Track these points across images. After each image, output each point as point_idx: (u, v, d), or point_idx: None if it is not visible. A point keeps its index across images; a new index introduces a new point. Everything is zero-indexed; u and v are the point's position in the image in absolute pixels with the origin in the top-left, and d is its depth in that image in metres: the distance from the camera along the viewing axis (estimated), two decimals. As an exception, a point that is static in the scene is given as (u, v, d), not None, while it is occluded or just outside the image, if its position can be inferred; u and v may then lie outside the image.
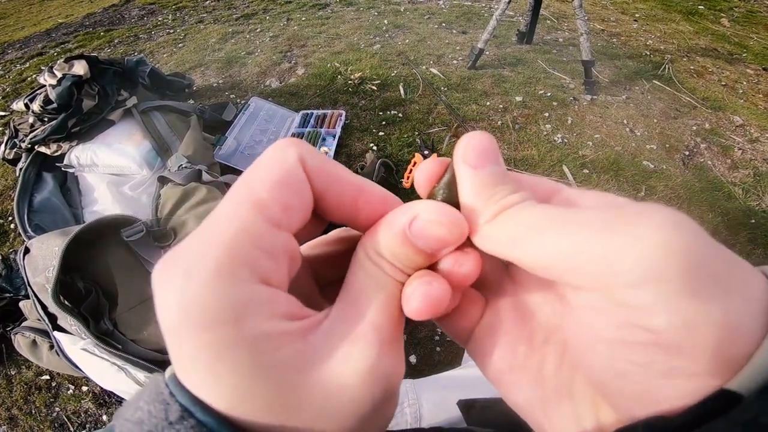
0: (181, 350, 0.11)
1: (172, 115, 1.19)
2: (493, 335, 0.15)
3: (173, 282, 0.11)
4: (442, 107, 1.44)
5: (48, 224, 1.01)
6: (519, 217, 0.12)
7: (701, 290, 0.10)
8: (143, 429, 0.11)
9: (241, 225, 0.11)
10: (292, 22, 2.05)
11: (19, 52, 2.10)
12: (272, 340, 0.11)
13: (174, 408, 0.11)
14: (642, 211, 0.10)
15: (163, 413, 0.11)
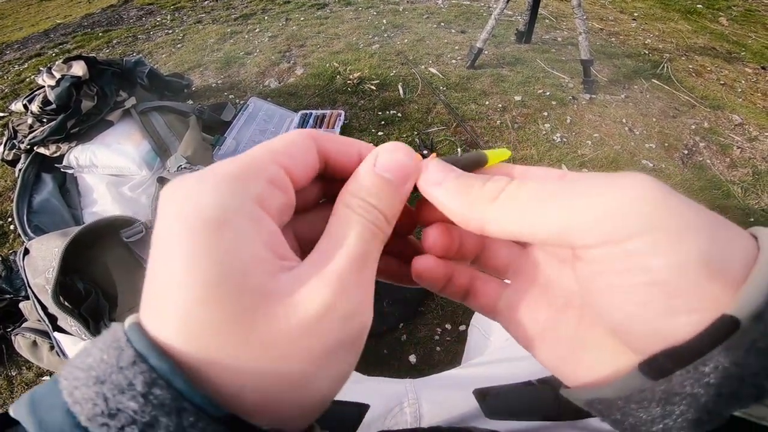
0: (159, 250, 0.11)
1: (170, 115, 1.19)
2: (517, 307, 0.17)
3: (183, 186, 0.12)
4: (441, 107, 1.44)
5: (47, 225, 1.01)
6: (519, 194, 0.14)
7: (687, 234, 0.11)
8: (90, 375, 0.10)
9: (253, 158, 0.13)
10: (290, 22, 2.05)
11: (18, 52, 2.10)
12: (246, 262, 0.11)
13: (128, 353, 0.10)
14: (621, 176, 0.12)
15: (115, 359, 0.10)
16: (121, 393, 0.10)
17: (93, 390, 0.10)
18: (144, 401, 0.10)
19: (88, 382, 0.10)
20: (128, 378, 0.10)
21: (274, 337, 0.11)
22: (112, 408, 0.10)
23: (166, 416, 0.10)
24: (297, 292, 0.12)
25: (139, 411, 0.10)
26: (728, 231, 0.12)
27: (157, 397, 0.10)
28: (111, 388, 0.10)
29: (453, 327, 0.91)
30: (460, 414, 0.40)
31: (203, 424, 0.10)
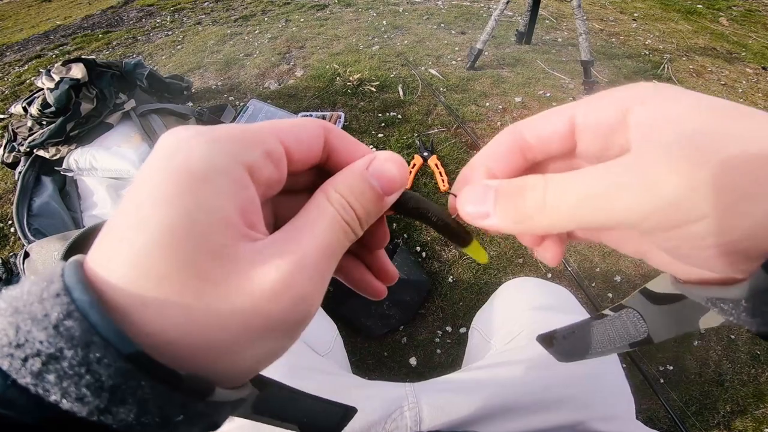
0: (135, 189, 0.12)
1: (170, 117, 1.19)
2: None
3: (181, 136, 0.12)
4: (441, 108, 1.43)
5: (48, 228, 1.01)
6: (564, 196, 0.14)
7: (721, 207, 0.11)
8: (11, 305, 0.10)
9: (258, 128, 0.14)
10: (290, 23, 2.05)
11: (18, 54, 2.10)
12: (214, 222, 0.11)
13: (55, 286, 0.10)
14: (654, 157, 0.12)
15: (40, 290, 0.10)
16: (34, 323, 0.10)
17: (7, 320, 0.10)
18: (54, 332, 0.10)
19: (6, 312, 0.10)
20: (46, 309, 0.10)
21: (218, 302, 0.11)
22: (20, 338, 0.10)
23: (73, 348, 0.10)
24: (255, 264, 0.12)
25: (46, 342, 0.10)
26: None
27: (67, 329, 0.10)
28: (25, 319, 0.10)
29: (453, 329, 0.91)
30: (461, 418, 0.40)
31: (109, 360, 0.10)
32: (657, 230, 0.12)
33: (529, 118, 0.17)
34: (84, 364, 0.10)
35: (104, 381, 0.10)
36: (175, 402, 0.11)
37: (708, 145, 0.11)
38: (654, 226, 0.12)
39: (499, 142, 0.17)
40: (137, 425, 0.10)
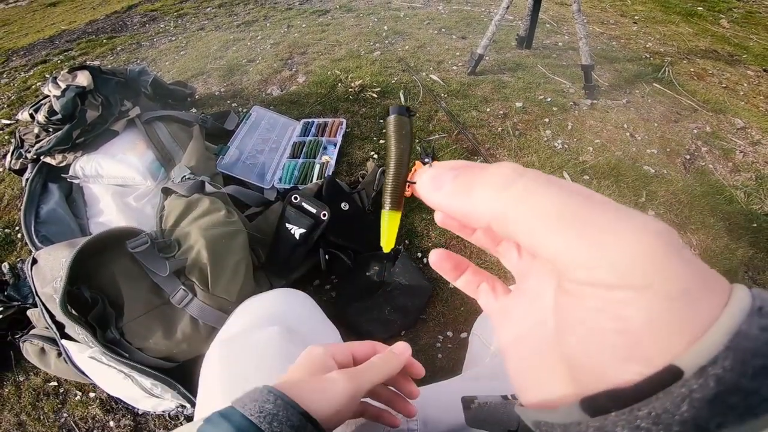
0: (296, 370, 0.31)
1: (174, 125, 1.20)
2: (505, 310, 0.20)
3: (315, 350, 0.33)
4: (442, 114, 1.44)
5: (54, 235, 1.02)
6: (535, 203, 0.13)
7: (675, 299, 0.11)
8: (251, 398, 0.26)
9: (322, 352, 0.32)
10: (292, 29, 2.06)
11: (24, 59, 2.11)
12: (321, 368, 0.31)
13: (264, 391, 0.26)
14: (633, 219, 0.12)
15: (260, 393, 0.26)
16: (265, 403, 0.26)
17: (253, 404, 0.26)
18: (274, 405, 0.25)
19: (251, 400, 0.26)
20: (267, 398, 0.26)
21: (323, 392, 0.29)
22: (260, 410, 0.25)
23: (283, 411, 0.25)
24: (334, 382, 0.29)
25: (272, 409, 0.25)
26: (711, 293, 0.12)
27: (278, 404, 0.25)
28: (261, 402, 0.26)
29: (455, 334, 0.91)
30: (459, 424, 0.41)
31: (295, 414, 0.25)
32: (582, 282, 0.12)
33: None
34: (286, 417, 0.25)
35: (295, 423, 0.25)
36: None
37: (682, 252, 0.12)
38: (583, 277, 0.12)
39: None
40: None
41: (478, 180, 0.14)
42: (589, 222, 0.12)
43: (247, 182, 1.14)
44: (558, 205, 0.12)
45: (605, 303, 0.12)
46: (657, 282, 0.11)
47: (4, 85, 1.90)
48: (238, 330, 0.52)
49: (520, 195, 0.13)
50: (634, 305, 0.11)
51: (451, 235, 1.08)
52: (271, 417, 0.24)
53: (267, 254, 0.92)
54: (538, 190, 0.13)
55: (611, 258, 0.11)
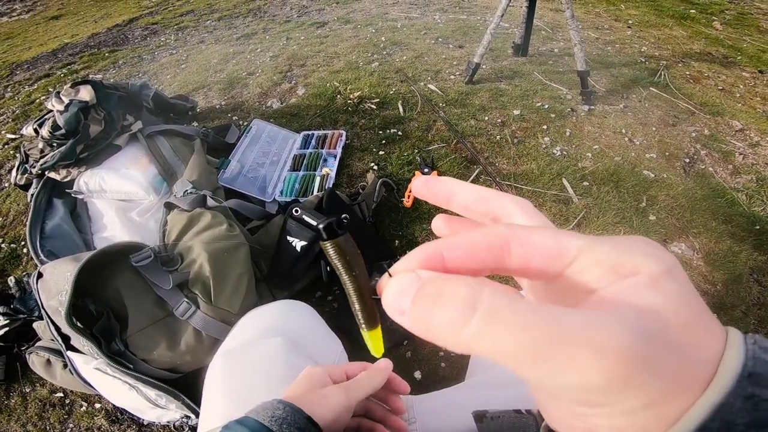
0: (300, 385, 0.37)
1: (176, 139, 1.21)
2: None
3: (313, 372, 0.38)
4: (441, 124, 1.45)
5: (59, 249, 1.04)
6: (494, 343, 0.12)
7: (636, 410, 0.12)
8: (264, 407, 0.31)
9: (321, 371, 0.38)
10: (291, 41, 2.08)
11: (27, 73, 2.14)
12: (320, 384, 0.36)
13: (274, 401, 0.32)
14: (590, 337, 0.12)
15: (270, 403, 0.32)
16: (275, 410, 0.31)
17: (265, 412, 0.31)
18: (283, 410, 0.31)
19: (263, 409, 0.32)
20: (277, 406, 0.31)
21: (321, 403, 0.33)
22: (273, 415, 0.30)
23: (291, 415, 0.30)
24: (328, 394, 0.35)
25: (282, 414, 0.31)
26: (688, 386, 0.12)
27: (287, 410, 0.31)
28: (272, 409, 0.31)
29: (458, 343, 0.92)
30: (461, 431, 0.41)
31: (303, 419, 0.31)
32: (552, 394, 0.14)
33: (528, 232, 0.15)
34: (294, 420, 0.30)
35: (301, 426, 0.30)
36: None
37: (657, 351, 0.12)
38: (554, 393, 0.13)
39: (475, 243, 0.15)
40: None
41: (434, 311, 0.13)
42: (551, 356, 0.12)
43: (248, 195, 1.15)
44: (518, 342, 0.12)
45: (576, 414, 0.13)
46: (615, 401, 0.12)
47: (8, 99, 1.92)
48: (241, 341, 0.53)
49: (476, 335, 0.12)
50: (600, 419, 0.12)
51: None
52: (281, 420, 0.30)
53: (269, 267, 0.93)
54: (495, 327, 0.12)
55: (575, 384, 0.12)
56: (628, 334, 0.12)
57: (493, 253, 0.15)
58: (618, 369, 0.11)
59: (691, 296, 0.13)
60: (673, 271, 0.13)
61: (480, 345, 0.12)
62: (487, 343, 0.12)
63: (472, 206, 0.18)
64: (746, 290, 0.99)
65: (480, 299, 0.13)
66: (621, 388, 0.11)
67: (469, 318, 0.12)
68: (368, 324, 0.19)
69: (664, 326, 0.12)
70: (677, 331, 0.12)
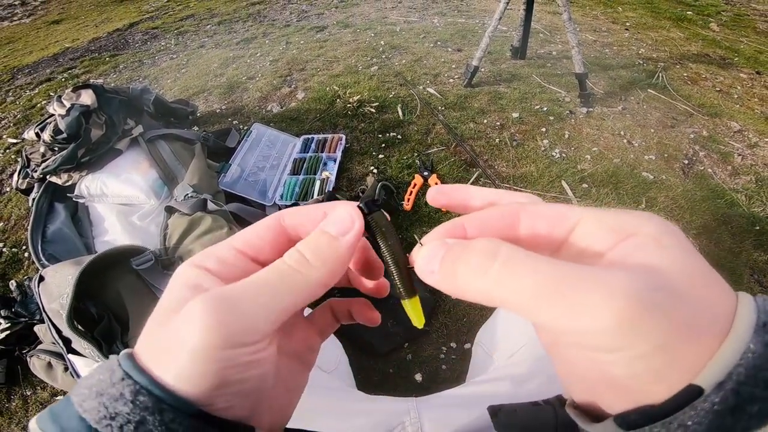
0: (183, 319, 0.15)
1: (177, 143, 1.22)
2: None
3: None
4: (440, 127, 1.45)
5: (61, 253, 1.04)
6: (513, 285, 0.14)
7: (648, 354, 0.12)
8: (92, 391, 0.14)
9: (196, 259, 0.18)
10: (291, 45, 2.09)
11: (29, 77, 2.15)
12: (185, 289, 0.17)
13: (117, 373, 0.14)
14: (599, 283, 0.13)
15: (109, 378, 0.14)
16: (116, 401, 0.14)
17: (96, 401, 0.14)
18: (133, 406, 0.14)
19: (91, 395, 0.14)
20: (119, 390, 0.14)
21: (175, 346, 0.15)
22: (111, 412, 0.14)
23: (152, 415, 0.14)
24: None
25: (131, 413, 0.14)
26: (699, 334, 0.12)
27: (142, 402, 0.14)
28: (108, 398, 0.14)
29: (458, 345, 0.92)
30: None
31: (181, 419, 0.14)
32: (569, 341, 0.14)
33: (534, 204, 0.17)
34: (163, 425, 0.14)
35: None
36: None
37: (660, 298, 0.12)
38: (570, 339, 0.14)
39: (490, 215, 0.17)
40: None
41: (460, 264, 0.15)
42: (565, 296, 0.13)
43: (248, 199, 1.16)
44: (534, 283, 0.13)
45: (593, 363, 0.14)
46: (628, 345, 0.12)
47: (10, 103, 1.93)
48: None
49: (498, 278, 0.14)
50: (617, 368, 0.13)
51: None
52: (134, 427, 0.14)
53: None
54: (514, 271, 0.14)
55: (588, 328, 0.13)
56: (636, 281, 0.12)
57: (505, 222, 0.17)
58: (627, 311, 0.12)
59: (695, 255, 0.14)
60: (674, 232, 0.14)
61: (500, 288, 0.14)
62: (507, 285, 0.14)
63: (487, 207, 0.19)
64: (747, 290, 0.98)
65: (499, 249, 0.14)
66: (631, 331, 0.12)
67: (490, 263, 0.14)
68: (407, 293, 0.20)
69: (669, 280, 0.13)
70: (683, 285, 0.13)
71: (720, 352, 0.12)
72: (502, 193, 0.19)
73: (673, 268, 0.13)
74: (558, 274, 0.13)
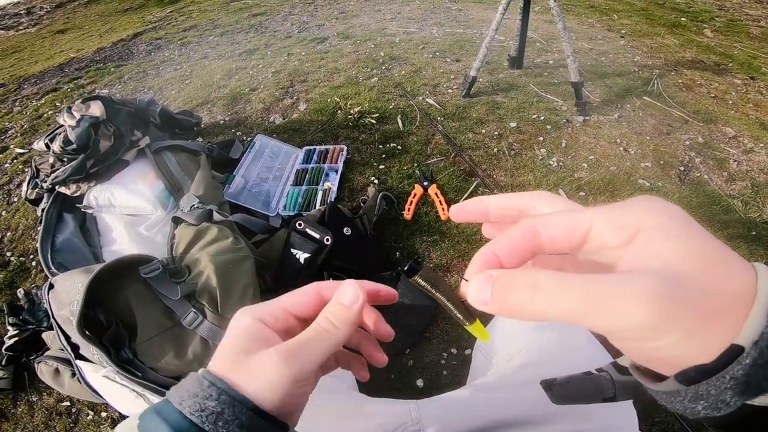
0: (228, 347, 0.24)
1: (182, 154, 1.24)
2: None
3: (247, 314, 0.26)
4: (439, 137, 1.47)
5: (70, 262, 1.06)
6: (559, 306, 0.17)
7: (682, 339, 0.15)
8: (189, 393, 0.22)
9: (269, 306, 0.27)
10: (292, 56, 2.11)
11: (35, 87, 2.18)
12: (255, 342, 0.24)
13: (205, 382, 0.22)
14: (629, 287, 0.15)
15: (199, 385, 0.22)
16: (206, 399, 0.21)
17: (192, 400, 0.21)
18: (217, 402, 0.21)
19: (189, 396, 0.22)
20: (209, 392, 0.21)
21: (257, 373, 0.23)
22: (202, 407, 0.21)
23: (229, 408, 0.21)
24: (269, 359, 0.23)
25: (216, 406, 0.21)
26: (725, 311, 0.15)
27: (223, 400, 0.21)
28: (201, 398, 0.21)
29: (459, 351, 0.93)
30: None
31: (245, 411, 0.21)
32: (618, 338, 0.17)
33: (548, 217, 0.19)
34: (233, 415, 0.21)
35: (244, 422, 0.21)
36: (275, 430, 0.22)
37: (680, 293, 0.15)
38: (617, 336, 0.17)
39: (514, 237, 0.19)
40: None
41: (510, 296, 0.18)
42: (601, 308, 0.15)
43: (252, 210, 1.18)
44: (577, 300, 0.16)
45: (642, 350, 0.17)
46: (664, 335, 0.15)
47: (17, 113, 1.96)
48: None
49: (542, 306, 0.17)
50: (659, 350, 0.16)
51: (452, 255, 1.11)
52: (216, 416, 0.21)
53: (273, 278, 0.95)
54: (554, 297, 0.16)
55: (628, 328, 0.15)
56: (653, 283, 0.15)
57: (528, 240, 0.19)
58: (654, 310, 0.15)
59: (701, 238, 0.16)
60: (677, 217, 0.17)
61: (547, 310, 0.17)
62: (550, 309, 0.16)
63: (503, 211, 0.22)
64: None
65: (539, 280, 0.17)
66: (663, 324, 0.15)
67: (535, 294, 0.17)
68: (469, 321, 0.24)
69: (683, 272, 0.15)
70: (696, 272, 0.15)
71: (750, 317, 0.15)
72: (513, 197, 0.22)
73: (684, 258, 0.16)
74: (591, 289, 0.16)
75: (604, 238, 0.17)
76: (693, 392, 0.16)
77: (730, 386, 0.15)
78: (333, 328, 0.25)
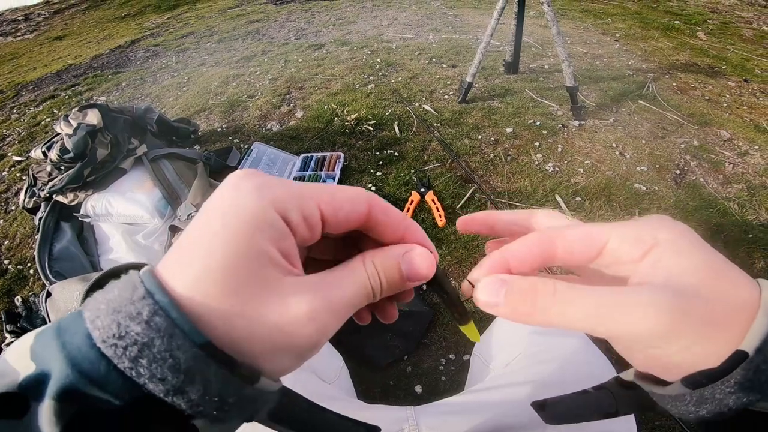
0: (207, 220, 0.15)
1: (179, 162, 1.24)
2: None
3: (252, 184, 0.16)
4: (436, 143, 1.48)
5: (67, 271, 1.06)
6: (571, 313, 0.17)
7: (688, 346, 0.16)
8: (110, 307, 0.13)
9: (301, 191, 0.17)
10: (289, 63, 2.12)
11: (33, 94, 2.18)
12: (264, 257, 0.15)
13: (140, 290, 0.14)
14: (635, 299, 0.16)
15: (130, 294, 0.14)
16: (131, 320, 0.13)
17: (110, 318, 0.13)
18: (146, 326, 0.13)
19: (108, 311, 0.13)
20: (138, 308, 0.13)
21: (258, 318, 0.15)
22: (122, 331, 0.13)
23: (160, 338, 0.13)
24: (294, 295, 0.15)
25: (141, 333, 0.13)
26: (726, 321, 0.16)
27: (156, 323, 0.13)
28: (124, 316, 0.13)
29: (457, 357, 0.93)
30: None
31: (186, 348, 0.13)
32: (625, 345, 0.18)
33: (567, 230, 0.19)
34: (168, 350, 0.13)
35: (182, 364, 0.13)
36: (232, 384, 0.14)
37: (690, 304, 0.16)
38: (626, 343, 0.18)
39: (530, 246, 0.20)
40: (200, 405, 0.14)
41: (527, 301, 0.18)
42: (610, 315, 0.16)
43: (250, 217, 1.18)
44: (586, 309, 0.17)
45: (648, 357, 0.18)
46: (671, 343, 0.16)
47: (14, 120, 1.95)
48: None
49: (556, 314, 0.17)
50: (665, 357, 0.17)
51: (449, 261, 1.11)
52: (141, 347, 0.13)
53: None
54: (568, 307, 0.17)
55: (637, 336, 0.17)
56: (665, 294, 0.16)
57: (544, 249, 0.19)
58: (666, 318, 0.16)
59: (708, 253, 0.17)
60: (686, 234, 0.18)
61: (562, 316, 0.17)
62: (566, 314, 0.17)
63: (511, 226, 0.23)
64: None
65: (556, 287, 0.18)
66: (673, 331, 0.16)
67: (553, 300, 0.17)
68: (464, 321, 0.24)
69: (688, 285, 0.16)
70: (702, 285, 0.16)
71: (754, 325, 0.16)
72: (521, 214, 0.23)
73: (694, 272, 0.17)
74: (605, 297, 0.17)
75: (620, 253, 0.18)
76: (698, 396, 0.16)
77: (734, 390, 0.15)
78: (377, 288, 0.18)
